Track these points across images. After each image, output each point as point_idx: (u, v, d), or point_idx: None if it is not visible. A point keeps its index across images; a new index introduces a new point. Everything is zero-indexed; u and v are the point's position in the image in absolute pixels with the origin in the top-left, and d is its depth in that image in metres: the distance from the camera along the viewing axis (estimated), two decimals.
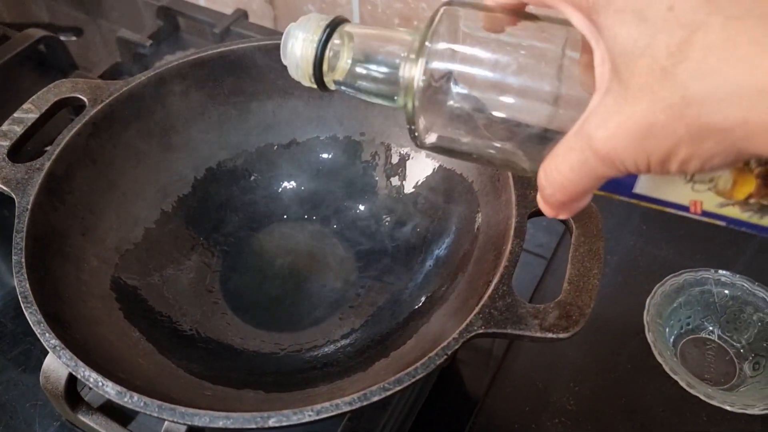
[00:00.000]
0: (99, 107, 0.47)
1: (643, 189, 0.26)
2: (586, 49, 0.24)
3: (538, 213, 0.42)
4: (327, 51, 0.30)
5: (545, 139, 0.26)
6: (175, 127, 0.52)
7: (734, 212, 0.25)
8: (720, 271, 0.52)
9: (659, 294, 0.52)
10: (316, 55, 0.30)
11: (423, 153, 0.52)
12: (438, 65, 0.28)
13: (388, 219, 0.53)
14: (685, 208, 0.26)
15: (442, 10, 0.28)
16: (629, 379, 0.51)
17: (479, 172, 0.46)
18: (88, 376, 0.34)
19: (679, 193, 0.26)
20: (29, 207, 0.42)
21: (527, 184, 0.42)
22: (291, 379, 0.43)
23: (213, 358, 0.45)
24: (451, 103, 0.28)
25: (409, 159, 0.52)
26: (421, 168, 0.52)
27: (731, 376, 0.51)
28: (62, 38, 0.72)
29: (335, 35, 0.30)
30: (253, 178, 0.55)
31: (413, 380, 0.33)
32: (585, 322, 0.36)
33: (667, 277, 0.52)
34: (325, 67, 0.31)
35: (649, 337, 0.49)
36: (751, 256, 0.59)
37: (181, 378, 0.41)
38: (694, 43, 0.19)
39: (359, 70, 0.30)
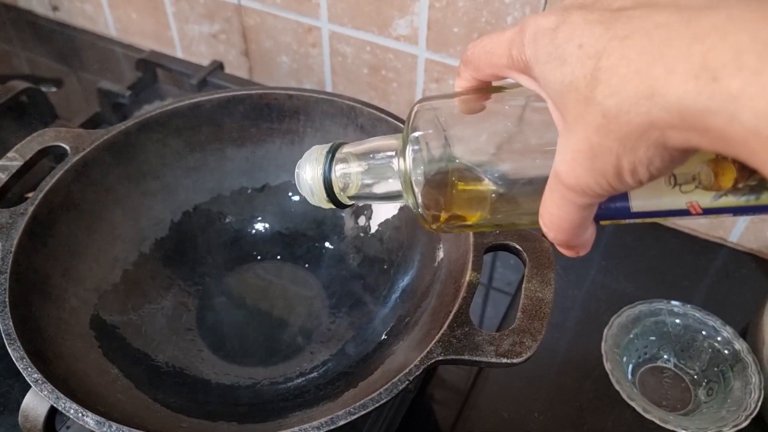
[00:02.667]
0: (81, 155, 0.50)
1: (638, 207, 0.27)
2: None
3: (494, 248, 0.45)
4: (333, 175, 0.33)
5: (537, 190, 0.28)
6: (153, 173, 0.54)
7: (731, 201, 0.25)
8: (672, 302, 0.55)
9: (616, 325, 0.54)
10: (324, 182, 0.34)
11: None
12: (425, 155, 0.30)
13: (356, 257, 0.55)
14: (686, 212, 0.26)
15: (415, 107, 0.31)
16: (591, 407, 0.54)
17: None
18: (69, 407, 0.36)
19: (671, 200, 0.26)
20: (12, 250, 0.44)
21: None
22: (264, 410, 0.45)
23: (189, 392, 0.47)
24: (454, 187, 0.30)
25: None
26: (386, 208, 0.54)
27: (687, 402, 0.54)
28: (43, 89, 0.75)
29: (338, 159, 0.33)
30: (227, 220, 0.58)
31: (377, 405, 0.35)
32: (537, 347, 0.38)
33: (623, 309, 0.55)
34: (336, 189, 0.34)
35: (607, 366, 0.51)
36: (705, 287, 0.63)
37: (158, 412, 0.43)
38: (602, 68, 0.22)
39: (366, 181, 0.33)
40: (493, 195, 0.30)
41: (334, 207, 0.35)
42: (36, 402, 0.40)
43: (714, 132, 0.19)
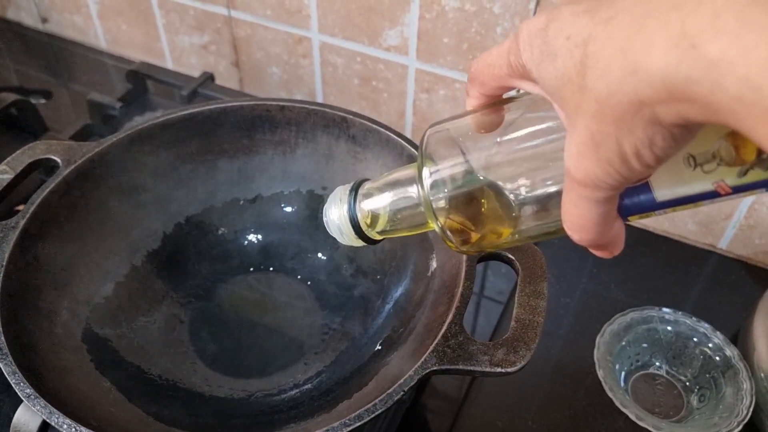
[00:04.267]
0: (72, 167, 0.50)
1: (663, 197, 0.26)
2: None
3: (487, 258, 0.45)
4: (358, 212, 0.34)
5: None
6: (145, 185, 0.54)
7: (760, 174, 0.23)
8: (664, 309, 0.56)
9: (608, 332, 0.55)
10: (351, 220, 0.34)
11: None
12: (445, 178, 0.30)
13: (349, 268, 0.55)
14: (715, 194, 0.25)
15: (427, 132, 0.31)
16: (584, 415, 0.54)
17: None
18: (62, 422, 0.36)
19: (696, 183, 0.25)
20: (4, 264, 0.44)
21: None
22: (258, 422, 0.45)
23: (182, 405, 0.46)
24: (481, 206, 0.30)
25: None
26: None
27: (679, 409, 0.54)
28: (33, 101, 0.75)
29: (362, 195, 0.34)
30: (220, 232, 0.57)
31: (373, 416, 0.35)
32: (531, 356, 0.39)
33: (615, 316, 0.55)
34: (363, 225, 0.34)
35: (600, 373, 0.52)
36: (696, 294, 0.63)
37: (151, 425, 0.43)
38: (589, 54, 0.22)
39: (392, 214, 0.33)
40: (521, 208, 0.29)
41: (365, 244, 0.35)
42: (28, 417, 0.39)
43: (700, 102, 0.19)
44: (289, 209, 0.58)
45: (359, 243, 0.35)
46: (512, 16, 0.60)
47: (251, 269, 0.57)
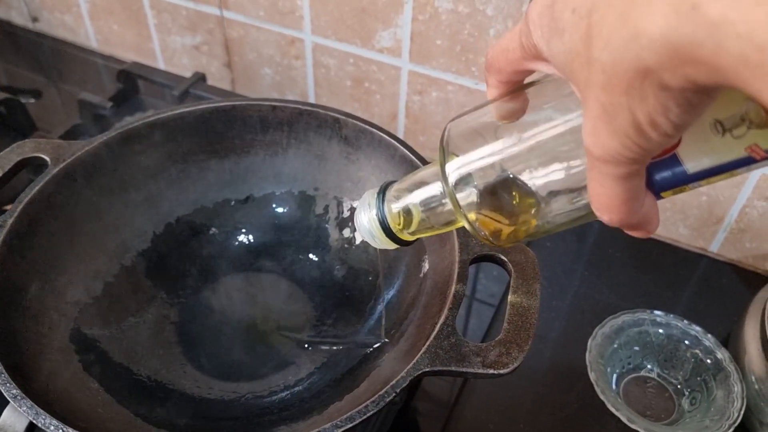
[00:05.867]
0: (61, 166, 0.49)
1: (694, 168, 0.25)
2: None
3: (480, 259, 0.45)
4: (388, 214, 0.34)
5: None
6: (135, 185, 0.54)
7: None
8: (655, 312, 0.56)
9: (600, 335, 0.55)
10: (381, 223, 0.34)
11: None
12: (465, 170, 0.29)
13: (341, 269, 0.55)
14: (750, 160, 0.23)
15: (448, 126, 0.30)
16: (576, 417, 0.54)
17: None
18: (48, 423, 0.35)
19: (727, 150, 0.23)
20: None
21: (469, 233, 0.45)
22: (249, 424, 0.45)
23: (171, 407, 0.46)
24: (508, 199, 0.29)
25: None
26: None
27: (671, 412, 0.54)
28: (22, 100, 0.74)
29: (390, 198, 0.33)
30: (211, 232, 0.57)
31: (364, 417, 0.35)
32: (524, 357, 0.38)
33: (607, 319, 0.55)
34: (395, 227, 0.34)
35: (592, 376, 0.51)
36: (687, 297, 0.63)
37: (139, 427, 0.42)
38: (593, 24, 0.21)
39: (422, 214, 0.33)
40: (552, 196, 0.28)
41: (399, 246, 0.35)
42: (14, 418, 0.39)
43: (706, 64, 0.18)
44: (280, 210, 0.57)
45: (392, 245, 0.35)
46: (505, 18, 0.60)
47: (242, 270, 0.57)
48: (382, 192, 0.34)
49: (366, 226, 0.34)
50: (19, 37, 0.93)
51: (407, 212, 0.33)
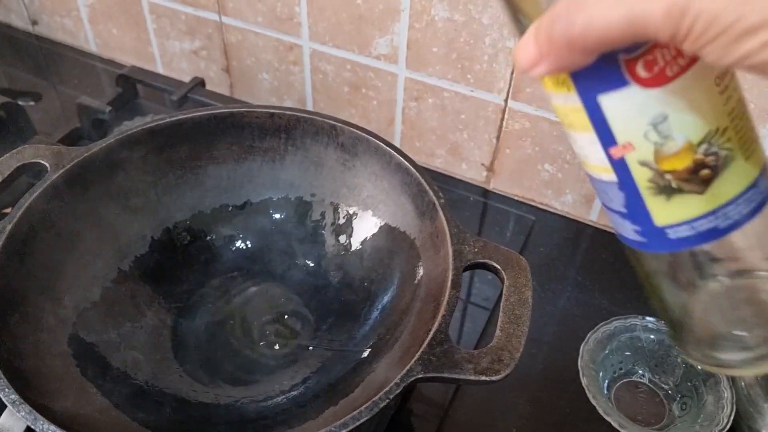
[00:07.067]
0: (60, 172, 0.50)
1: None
2: None
3: (473, 266, 0.45)
4: None
5: None
6: (133, 190, 0.54)
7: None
8: (647, 318, 0.56)
9: (592, 341, 0.55)
10: None
11: (369, 212, 0.55)
12: None
13: (337, 274, 0.56)
14: None
15: None
16: (568, 422, 0.54)
17: (420, 230, 0.50)
18: (46, 428, 0.36)
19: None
20: None
21: (463, 241, 0.46)
22: (244, 428, 0.45)
23: (168, 412, 0.47)
24: None
25: (355, 218, 0.56)
26: (367, 226, 0.55)
27: (661, 417, 0.54)
28: (21, 103, 0.74)
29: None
30: (208, 237, 0.58)
31: (357, 423, 0.36)
32: (515, 364, 0.39)
33: (599, 325, 0.56)
34: None
35: (584, 381, 0.52)
36: None
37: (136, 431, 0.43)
38: None
39: None
40: None
41: None
42: (12, 422, 0.39)
43: None
44: (277, 216, 0.58)
45: None
46: (501, 26, 0.60)
47: (239, 275, 0.58)
48: None
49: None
50: (19, 41, 0.94)
51: None
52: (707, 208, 0.23)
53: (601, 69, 0.22)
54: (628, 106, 0.22)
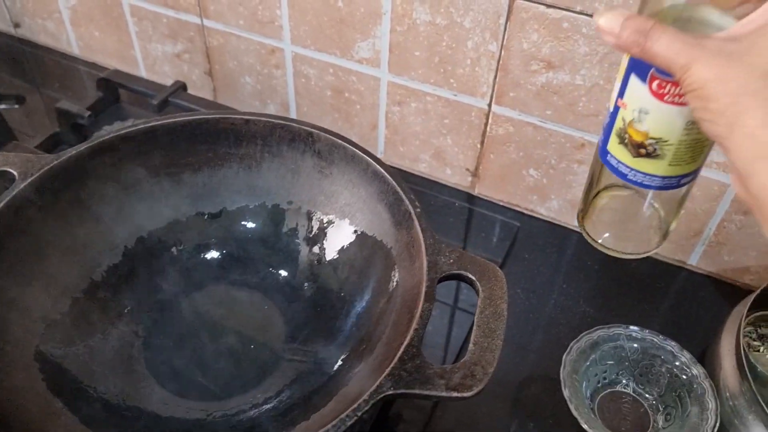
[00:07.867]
0: (29, 180, 0.49)
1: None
2: None
3: (448, 278, 0.44)
4: None
5: None
6: (106, 198, 0.53)
7: None
8: (631, 327, 0.55)
9: (575, 350, 0.54)
10: None
11: (346, 220, 0.54)
12: None
13: (311, 284, 0.55)
14: None
15: None
16: None
17: (396, 239, 0.49)
18: None
19: None
20: None
21: (438, 251, 0.45)
22: None
23: (138, 427, 0.46)
24: None
25: (330, 226, 0.55)
26: (342, 235, 0.54)
27: (645, 428, 0.54)
28: (5, 106, 0.73)
29: None
30: (183, 246, 0.57)
31: None
32: (488, 380, 0.38)
33: (582, 334, 0.55)
34: None
35: (566, 393, 0.51)
36: (665, 311, 0.63)
37: None
38: None
39: None
40: None
41: None
42: None
43: None
44: (252, 225, 0.57)
45: None
46: (483, 30, 0.59)
47: (213, 285, 0.56)
48: None
49: None
50: (1, 44, 0.93)
51: None
52: (631, 165, 0.37)
53: (642, 66, 0.33)
54: (637, 92, 0.34)
